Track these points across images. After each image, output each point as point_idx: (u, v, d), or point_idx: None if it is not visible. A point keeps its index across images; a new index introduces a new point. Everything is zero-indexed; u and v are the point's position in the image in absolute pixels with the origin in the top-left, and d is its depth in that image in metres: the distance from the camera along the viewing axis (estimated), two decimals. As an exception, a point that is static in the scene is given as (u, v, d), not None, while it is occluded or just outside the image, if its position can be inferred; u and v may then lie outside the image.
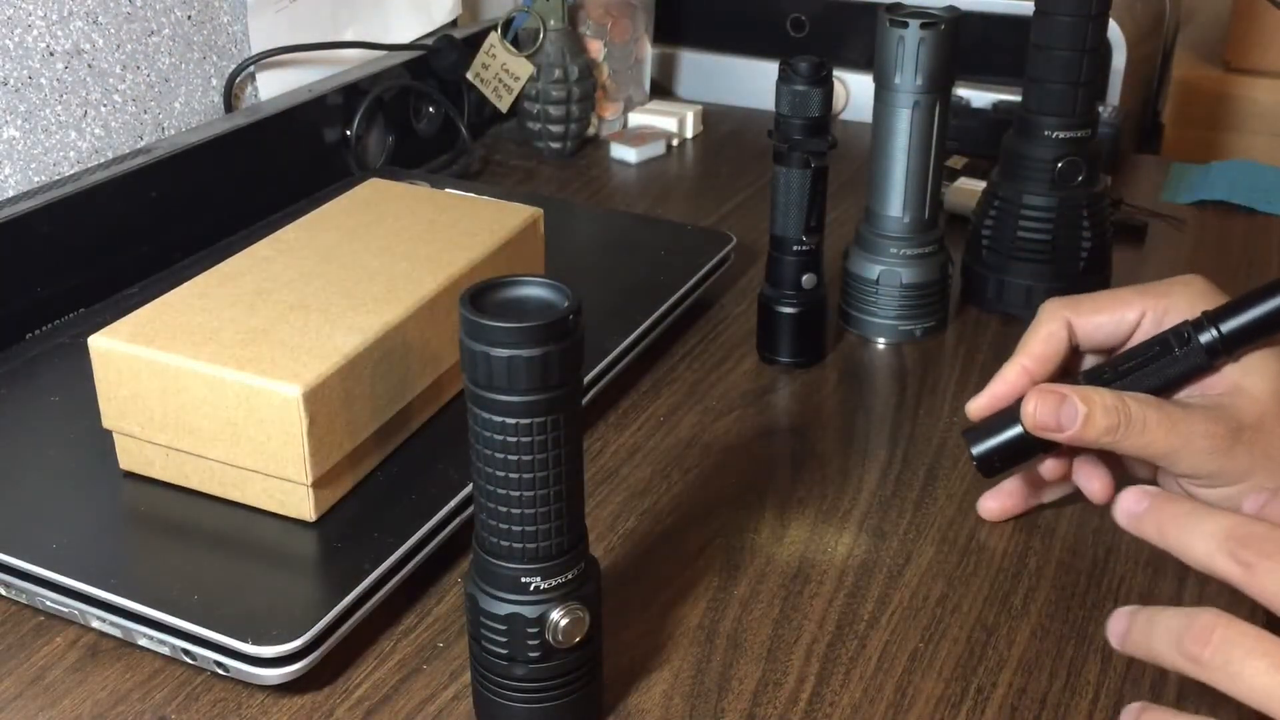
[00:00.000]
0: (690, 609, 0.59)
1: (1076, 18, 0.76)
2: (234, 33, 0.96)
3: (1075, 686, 0.54)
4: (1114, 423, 0.55)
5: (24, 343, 0.75)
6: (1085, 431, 0.55)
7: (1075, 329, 0.59)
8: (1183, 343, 0.56)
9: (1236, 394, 0.55)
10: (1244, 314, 0.55)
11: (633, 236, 0.91)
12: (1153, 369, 0.56)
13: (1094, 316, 0.59)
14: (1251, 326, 0.55)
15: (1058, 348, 0.59)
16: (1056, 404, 0.55)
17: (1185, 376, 0.56)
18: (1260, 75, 1.20)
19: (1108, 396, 0.55)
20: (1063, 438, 0.56)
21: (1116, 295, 0.60)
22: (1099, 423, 0.55)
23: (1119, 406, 0.55)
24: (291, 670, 0.52)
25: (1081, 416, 0.55)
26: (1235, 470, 0.54)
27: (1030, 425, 0.57)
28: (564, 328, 0.44)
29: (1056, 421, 0.56)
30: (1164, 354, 0.56)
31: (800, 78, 0.70)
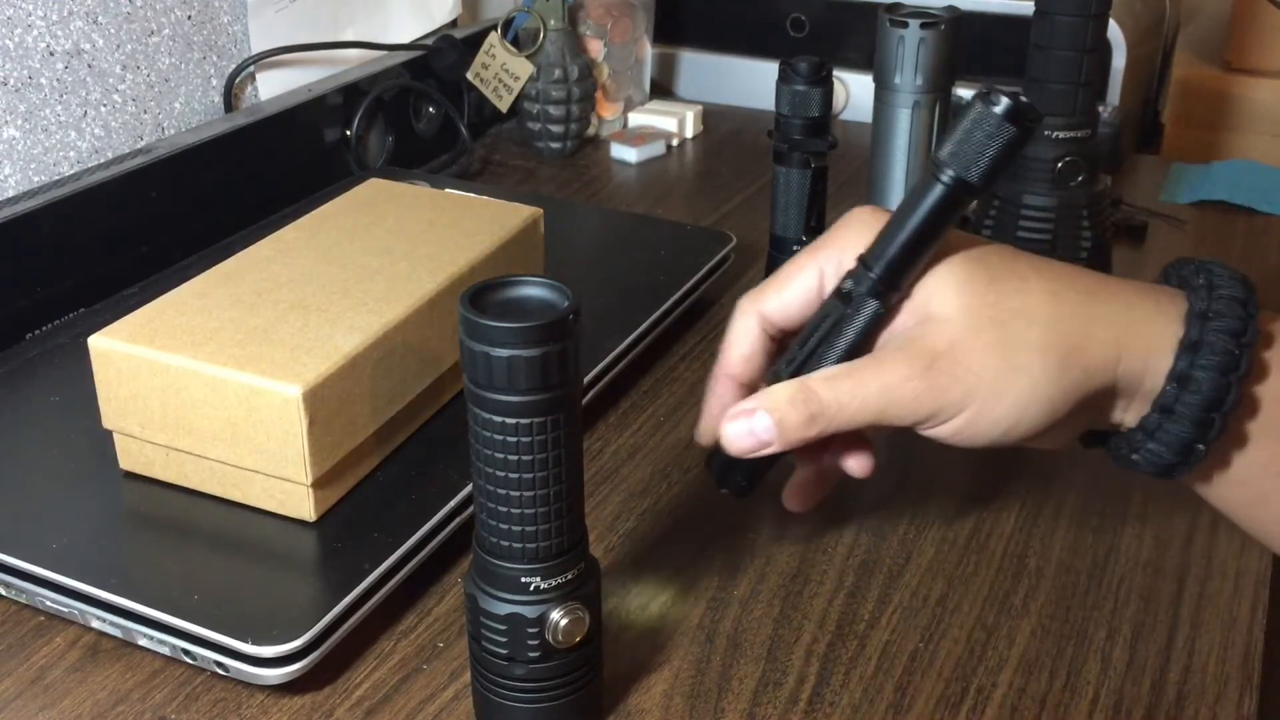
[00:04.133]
0: (690, 609, 0.59)
1: (1076, 18, 0.76)
2: (234, 33, 0.96)
3: (1075, 686, 0.54)
4: (809, 414, 0.50)
5: (24, 343, 0.75)
6: (787, 435, 0.50)
7: (769, 318, 0.54)
8: (847, 300, 0.51)
9: (925, 323, 0.50)
10: (892, 243, 0.49)
11: (633, 236, 0.91)
12: (833, 337, 0.51)
13: (777, 297, 0.54)
14: (904, 253, 0.49)
15: (754, 344, 0.54)
16: (747, 424, 0.51)
17: (870, 329, 0.51)
18: (1260, 75, 1.19)
19: (792, 390, 0.50)
20: (774, 450, 0.51)
21: (790, 265, 0.54)
22: (794, 422, 0.50)
23: (805, 398, 0.50)
24: (291, 670, 0.52)
25: (774, 426, 0.51)
26: (949, 401, 0.49)
27: (737, 454, 0.52)
28: (564, 328, 0.44)
29: (756, 440, 0.51)
30: (837, 318, 0.51)
31: (800, 78, 0.70)
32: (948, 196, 0.48)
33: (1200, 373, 0.47)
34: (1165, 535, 0.63)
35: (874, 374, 0.50)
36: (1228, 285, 0.49)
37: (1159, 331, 0.49)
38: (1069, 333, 0.49)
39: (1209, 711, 0.53)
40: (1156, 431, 0.49)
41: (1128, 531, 0.64)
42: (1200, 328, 0.48)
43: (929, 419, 0.50)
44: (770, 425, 0.51)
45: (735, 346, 0.55)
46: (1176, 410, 0.48)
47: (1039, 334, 0.49)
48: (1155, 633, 0.57)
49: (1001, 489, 0.67)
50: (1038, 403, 0.49)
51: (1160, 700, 0.54)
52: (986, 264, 0.50)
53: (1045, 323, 0.49)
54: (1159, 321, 0.49)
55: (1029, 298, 0.49)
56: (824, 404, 0.50)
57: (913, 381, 0.49)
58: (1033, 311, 0.49)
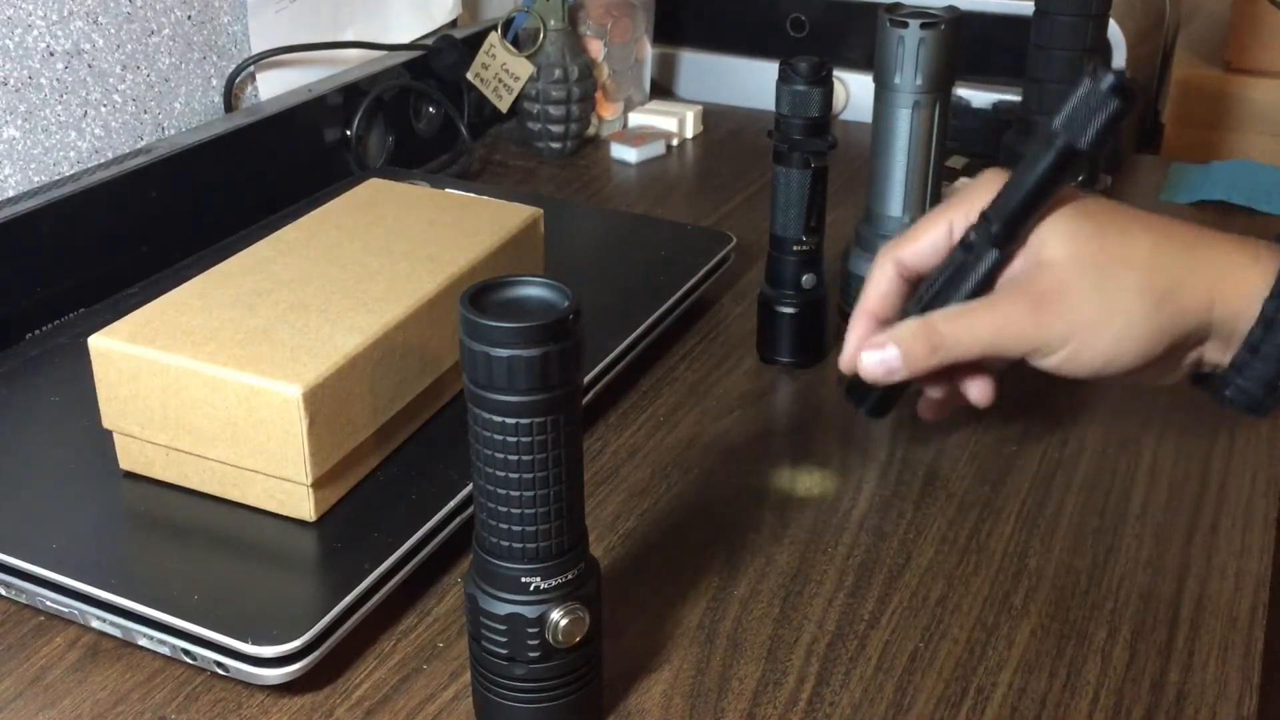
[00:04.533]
0: (690, 609, 0.59)
1: (1076, 18, 0.76)
2: (234, 33, 0.96)
3: (1075, 686, 0.54)
4: (930, 345, 0.57)
5: (24, 343, 0.75)
6: (913, 364, 0.57)
7: (904, 263, 0.61)
8: (969, 249, 0.58)
9: (1036, 268, 0.56)
10: (1011, 200, 0.56)
11: (633, 236, 0.91)
12: (957, 280, 0.58)
13: (912, 245, 0.60)
14: (1021, 209, 0.56)
15: (891, 286, 0.61)
16: (879, 355, 0.58)
17: (990, 275, 0.57)
18: (1260, 75, 1.19)
19: (916, 326, 0.57)
20: (901, 376, 0.58)
21: (926, 219, 0.61)
22: (917, 352, 0.57)
23: (927, 332, 0.57)
24: (291, 670, 0.52)
25: (901, 355, 0.57)
26: (1056, 334, 0.55)
27: (871, 379, 0.59)
28: (564, 328, 0.44)
29: (886, 369, 0.58)
30: (961, 263, 0.58)
31: (800, 78, 0.70)
32: (1059, 160, 0.54)
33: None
34: (1165, 535, 0.63)
35: (987, 311, 0.57)
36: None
37: (1252, 280, 0.54)
38: (1165, 278, 0.54)
39: (1209, 711, 0.53)
40: (1245, 369, 0.54)
41: (1128, 531, 0.64)
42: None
43: (1036, 351, 0.56)
44: (898, 355, 0.58)
45: (875, 286, 0.61)
46: (1262, 350, 0.53)
47: (1137, 278, 0.54)
48: (1155, 633, 0.57)
49: (1002, 489, 0.67)
50: (1134, 340, 0.54)
51: (1160, 700, 0.54)
52: (1094, 216, 0.56)
53: (1143, 268, 0.54)
54: (1254, 271, 0.54)
55: (1131, 246, 0.55)
56: (943, 336, 0.57)
57: (1023, 317, 0.56)
58: (1133, 258, 0.55)
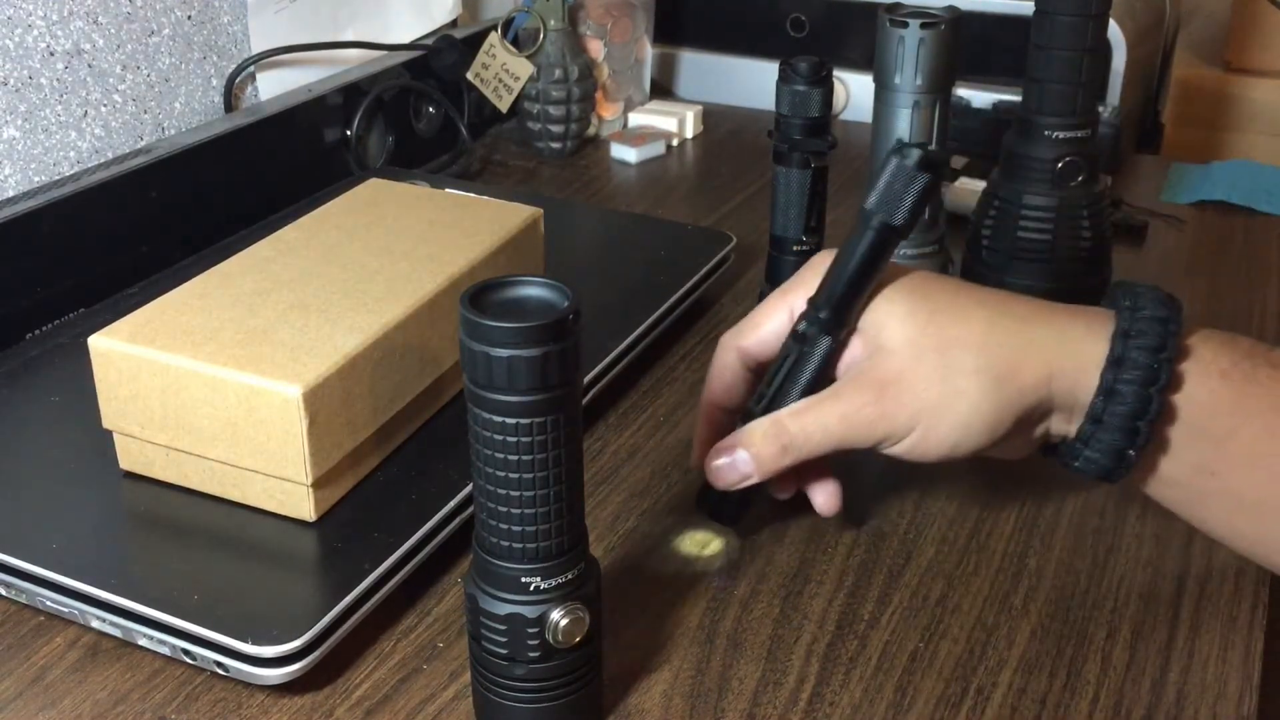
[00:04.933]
0: (690, 609, 0.59)
1: (1076, 18, 0.76)
2: (234, 33, 0.96)
3: (1075, 686, 0.54)
4: (781, 446, 0.57)
5: (24, 343, 0.75)
6: (764, 466, 0.57)
7: (747, 351, 0.60)
8: (802, 339, 0.57)
9: (875, 354, 0.56)
10: (835, 284, 0.56)
11: (633, 236, 0.91)
12: (795, 374, 0.58)
13: (754, 334, 0.60)
14: (846, 292, 0.56)
15: (735, 376, 0.61)
16: (729, 460, 0.58)
17: (825, 364, 0.57)
18: (1260, 75, 1.19)
19: (765, 427, 0.57)
20: (755, 480, 0.58)
21: (763, 306, 0.60)
22: (768, 453, 0.57)
23: (776, 432, 0.57)
24: (291, 670, 0.52)
25: (752, 459, 0.57)
26: (902, 421, 0.55)
27: (723, 486, 0.59)
28: (564, 328, 0.44)
29: (738, 473, 0.58)
30: (796, 356, 0.57)
31: (800, 78, 0.70)
32: (877, 239, 0.55)
33: (1124, 386, 0.53)
34: (1165, 535, 0.63)
35: (833, 405, 0.56)
36: (1151, 306, 0.54)
37: (1088, 350, 0.54)
38: (1003, 357, 0.55)
39: (1209, 711, 0.53)
40: (1090, 440, 0.54)
41: (1128, 531, 0.64)
42: (1124, 345, 0.53)
43: (884, 440, 0.56)
44: (749, 459, 0.57)
45: (718, 378, 0.61)
46: (1105, 420, 0.54)
47: (975, 359, 0.54)
48: (1155, 633, 0.57)
49: (1001, 489, 0.67)
50: (978, 419, 0.54)
51: (1160, 700, 0.54)
52: (929, 297, 0.56)
53: (981, 349, 0.55)
54: (1089, 341, 0.54)
55: (967, 327, 0.55)
56: (793, 435, 0.56)
57: (867, 408, 0.55)
58: (970, 339, 0.55)
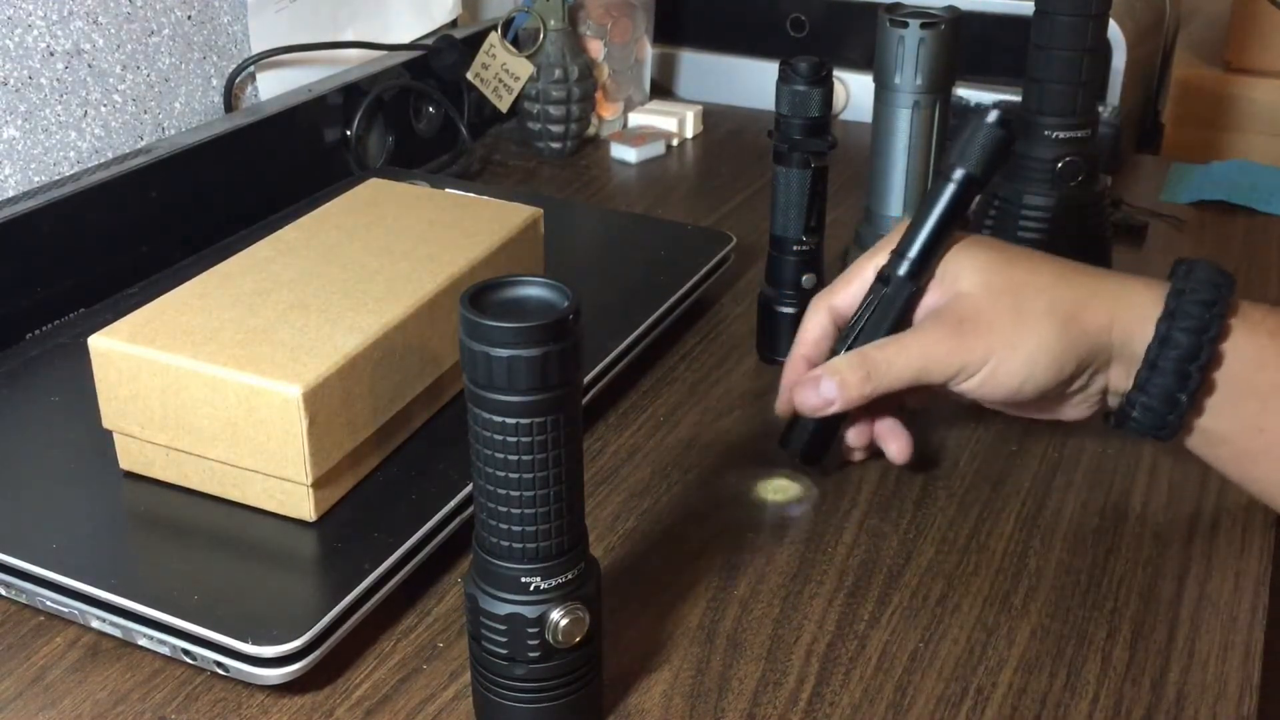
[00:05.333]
0: (690, 609, 0.59)
1: (1076, 18, 0.76)
2: (234, 33, 0.96)
3: (1075, 686, 0.54)
4: (864, 373, 0.61)
5: (24, 343, 0.75)
6: (847, 393, 0.61)
7: (837, 309, 0.65)
8: (886, 283, 0.62)
9: (953, 299, 0.61)
10: (918, 235, 0.61)
11: (633, 236, 0.91)
12: (878, 316, 0.63)
13: (844, 292, 0.65)
14: (929, 240, 0.61)
15: (824, 332, 0.66)
16: (814, 388, 0.62)
17: (907, 307, 0.62)
18: (1260, 75, 1.19)
19: (849, 357, 0.62)
20: (838, 408, 0.62)
21: (853, 267, 0.65)
22: (852, 381, 0.61)
23: (860, 361, 0.61)
24: (291, 670, 0.52)
25: (836, 386, 0.61)
26: (975, 356, 0.60)
27: (808, 413, 0.63)
28: (564, 328, 0.44)
29: (822, 400, 0.62)
30: (879, 300, 0.63)
31: (800, 78, 0.70)
32: (959, 190, 0.61)
33: (1178, 334, 0.58)
34: (1165, 535, 0.63)
35: (914, 338, 0.61)
36: (1204, 271, 0.59)
37: (1146, 305, 0.59)
38: (1069, 301, 0.59)
39: (1209, 711, 0.53)
40: (1146, 385, 0.59)
41: (1128, 531, 0.64)
42: (1178, 300, 0.58)
43: (959, 373, 0.60)
44: (833, 386, 0.62)
45: (808, 332, 0.66)
46: (1159, 365, 0.58)
47: (1045, 301, 0.59)
48: (1155, 633, 0.57)
49: (1001, 489, 0.67)
50: (1046, 356, 0.59)
51: (1160, 700, 0.54)
52: (1000, 250, 0.62)
53: (1049, 292, 0.60)
54: (1147, 297, 0.59)
55: (1036, 274, 0.61)
56: (875, 364, 0.61)
57: (945, 341, 0.60)
58: (1040, 284, 0.60)
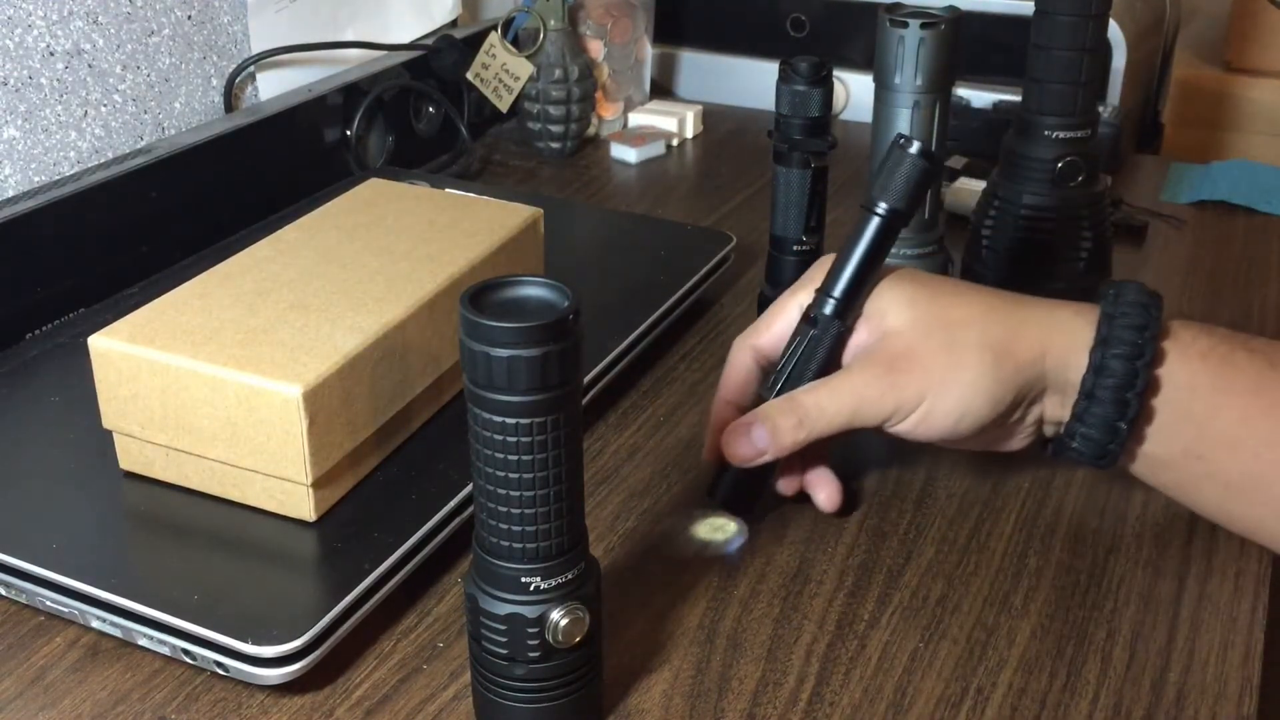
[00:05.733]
0: (690, 609, 0.59)
1: (1076, 18, 0.76)
2: (234, 33, 0.96)
3: (1075, 686, 0.54)
4: (796, 420, 0.59)
5: (24, 343, 0.75)
6: (780, 440, 0.59)
7: (760, 350, 0.64)
8: (813, 324, 0.60)
9: (882, 337, 0.60)
10: (843, 271, 0.60)
11: (633, 236, 0.91)
12: (805, 357, 0.61)
13: (767, 332, 0.63)
14: (855, 276, 0.60)
15: (748, 374, 0.64)
16: (745, 436, 0.60)
17: (835, 347, 0.61)
18: (1260, 75, 1.19)
19: (779, 403, 0.60)
20: (770, 456, 0.60)
21: (775, 306, 0.64)
22: (785, 428, 0.59)
23: (791, 407, 0.59)
24: (291, 670, 0.52)
25: (768, 433, 0.59)
26: (908, 397, 0.58)
27: (739, 462, 0.61)
28: (564, 328, 0.44)
29: (754, 449, 0.60)
30: (806, 340, 0.61)
31: (800, 78, 0.70)
32: (882, 225, 0.59)
33: (1113, 361, 0.57)
34: (1165, 535, 0.63)
35: (845, 381, 0.60)
36: (1133, 293, 0.59)
37: (1078, 333, 0.58)
38: (1001, 334, 0.59)
39: (1209, 711, 0.53)
40: (1085, 415, 0.58)
41: (1128, 531, 0.64)
42: (1109, 326, 0.58)
43: (893, 414, 0.59)
44: (765, 434, 0.59)
45: (733, 375, 0.64)
46: (1097, 395, 0.58)
47: (976, 334, 0.58)
48: (1155, 633, 0.57)
49: (1001, 489, 0.67)
50: (980, 392, 0.58)
51: (1160, 700, 0.54)
52: (928, 284, 0.61)
53: (981, 326, 0.59)
54: (1076, 324, 0.59)
55: (967, 308, 0.60)
56: (807, 410, 0.59)
57: (878, 382, 0.59)
58: (970, 318, 0.59)
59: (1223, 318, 0.84)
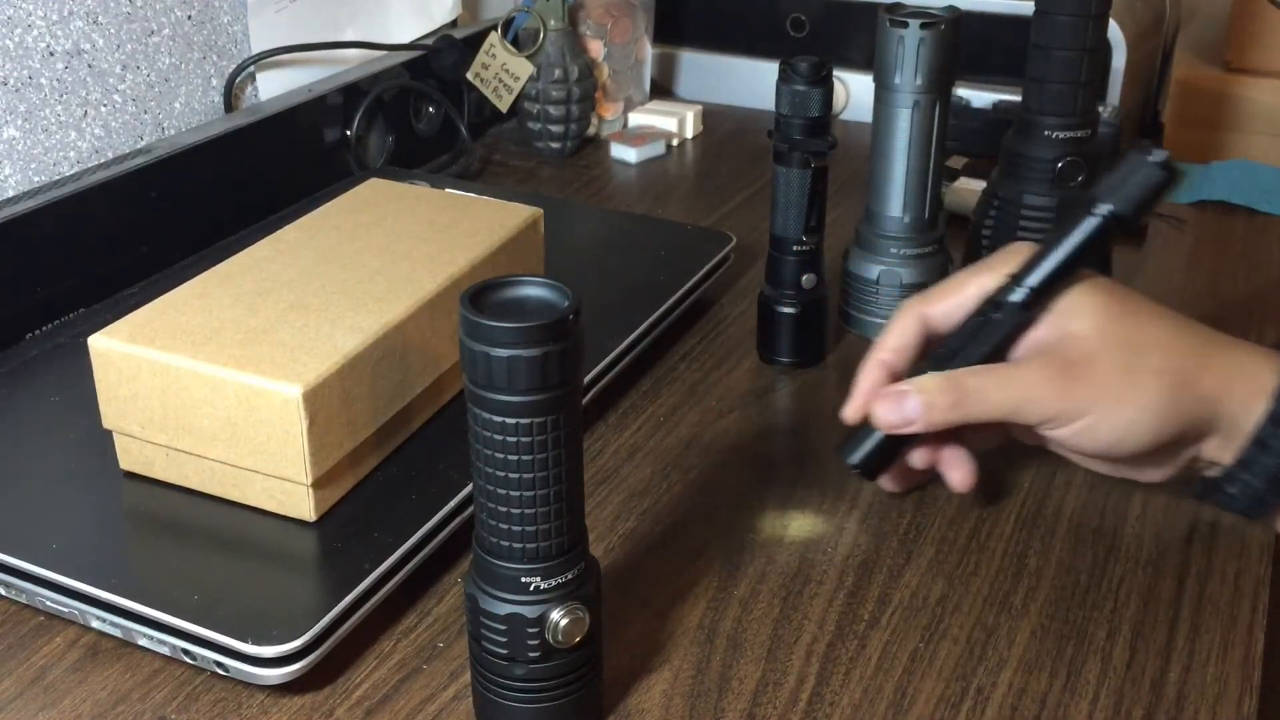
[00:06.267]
0: (690, 609, 0.59)
1: (1076, 18, 0.76)
2: (234, 33, 0.96)
3: (1075, 686, 0.54)
4: (953, 399, 0.58)
5: (24, 343, 0.75)
6: (931, 416, 0.58)
7: (930, 319, 0.62)
8: (997, 308, 0.59)
9: (1064, 338, 0.58)
10: (1044, 264, 0.58)
11: (633, 236, 0.91)
12: (980, 338, 0.60)
13: (942, 303, 0.62)
14: (1056, 274, 0.58)
15: (910, 339, 0.62)
16: (897, 403, 0.59)
17: (1010, 336, 0.59)
18: (1260, 75, 1.19)
19: (940, 379, 0.58)
20: (917, 429, 0.59)
21: (954, 280, 0.62)
22: (940, 405, 0.58)
23: (951, 386, 0.58)
24: (291, 670, 0.52)
25: (922, 406, 0.58)
26: (1076, 405, 0.57)
27: (884, 428, 0.60)
28: (564, 328, 0.44)
29: (903, 418, 0.59)
30: (985, 322, 0.60)
31: (800, 78, 0.70)
32: (1102, 226, 0.57)
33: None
34: (1165, 535, 0.63)
35: (1017, 373, 0.58)
36: None
37: (1259, 377, 0.57)
38: (1186, 365, 0.57)
39: (1209, 711, 0.53)
40: (1251, 463, 0.57)
41: (1128, 531, 0.64)
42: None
43: (1055, 419, 0.57)
44: (918, 406, 0.58)
45: (894, 337, 0.62)
46: (1270, 445, 0.56)
47: (1160, 361, 0.57)
48: (1155, 633, 0.57)
49: (1002, 489, 0.67)
50: (1151, 417, 0.57)
51: (1160, 700, 0.54)
52: (1121, 298, 0.59)
53: (1167, 352, 0.57)
54: (1263, 373, 0.57)
55: (1156, 331, 0.58)
56: (968, 392, 0.58)
57: (1050, 383, 0.57)
58: (1158, 343, 0.57)
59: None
